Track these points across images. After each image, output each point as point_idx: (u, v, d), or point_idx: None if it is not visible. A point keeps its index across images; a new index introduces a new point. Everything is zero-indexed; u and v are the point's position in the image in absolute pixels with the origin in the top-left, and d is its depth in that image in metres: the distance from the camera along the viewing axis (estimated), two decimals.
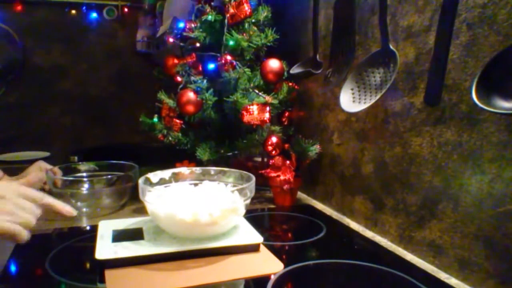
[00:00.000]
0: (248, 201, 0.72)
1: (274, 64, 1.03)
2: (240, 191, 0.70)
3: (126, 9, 2.12)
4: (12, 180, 0.99)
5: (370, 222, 0.87)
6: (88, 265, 0.69)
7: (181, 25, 1.14)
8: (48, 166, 0.99)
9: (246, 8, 1.03)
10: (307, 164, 1.05)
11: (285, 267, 0.65)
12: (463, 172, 0.63)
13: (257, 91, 1.03)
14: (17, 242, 0.57)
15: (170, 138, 1.11)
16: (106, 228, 0.74)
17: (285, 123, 1.17)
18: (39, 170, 0.98)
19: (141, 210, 0.89)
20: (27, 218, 0.58)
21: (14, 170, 1.05)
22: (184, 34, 1.09)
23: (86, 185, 0.96)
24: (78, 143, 2.13)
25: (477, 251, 0.61)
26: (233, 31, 1.04)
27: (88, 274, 0.65)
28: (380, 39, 0.73)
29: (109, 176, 0.95)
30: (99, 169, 1.04)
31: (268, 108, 0.99)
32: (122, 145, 2.03)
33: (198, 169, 0.83)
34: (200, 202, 0.67)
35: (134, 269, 0.62)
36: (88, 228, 0.86)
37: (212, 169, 0.83)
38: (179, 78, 1.12)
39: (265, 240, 0.71)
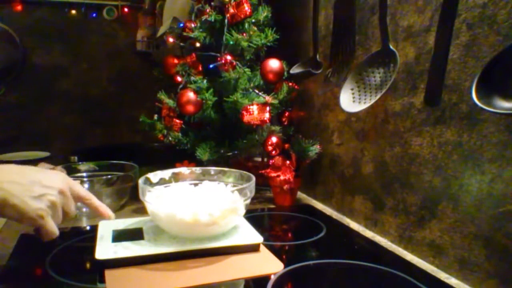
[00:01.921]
0: (248, 201, 0.72)
1: (274, 64, 1.03)
2: (240, 191, 0.70)
3: (126, 9, 2.12)
4: None
5: (370, 222, 0.88)
6: (88, 265, 0.69)
7: (181, 25, 1.14)
8: (51, 167, 0.99)
9: (246, 8, 1.03)
10: (307, 164, 1.05)
11: (285, 267, 0.65)
12: (463, 172, 0.63)
13: (257, 91, 1.03)
14: (43, 239, 0.58)
15: (170, 138, 1.11)
16: (106, 228, 0.74)
17: (285, 123, 1.17)
18: None
19: (141, 210, 0.89)
20: (61, 219, 0.60)
21: None
22: (184, 34, 1.09)
23: (86, 185, 0.96)
24: (78, 143, 2.12)
25: (477, 251, 0.61)
26: (233, 31, 1.04)
27: (88, 274, 0.65)
28: (380, 39, 0.73)
29: (109, 176, 0.95)
30: (99, 169, 1.04)
31: (268, 108, 0.99)
32: (122, 145, 2.02)
33: (198, 169, 0.83)
34: (200, 202, 0.67)
35: (134, 269, 0.62)
36: (88, 228, 0.86)
37: (212, 169, 0.83)
38: (179, 78, 1.12)
39: (265, 240, 0.71)
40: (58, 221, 0.59)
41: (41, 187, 0.56)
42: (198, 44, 1.10)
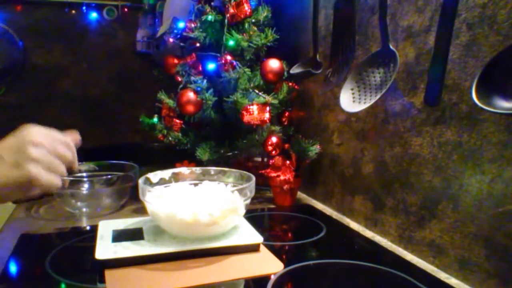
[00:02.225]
0: (248, 201, 0.72)
1: (274, 64, 1.03)
2: (240, 191, 0.70)
3: (126, 9, 2.12)
4: None
5: (370, 222, 0.87)
6: (88, 265, 0.69)
7: (181, 25, 1.14)
8: None
9: (246, 8, 1.03)
10: (307, 164, 1.05)
11: (285, 267, 0.65)
12: (463, 172, 0.63)
13: (257, 91, 1.03)
14: (52, 193, 0.56)
15: (170, 138, 1.11)
16: (106, 228, 0.74)
17: (285, 123, 1.17)
18: None
19: (141, 210, 0.89)
20: (61, 168, 0.57)
21: None
22: (184, 34, 1.09)
23: (86, 185, 0.96)
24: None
25: (477, 251, 0.61)
26: (233, 31, 1.04)
27: (88, 274, 0.65)
28: (380, 39, 0.73)
29: (109, 176, 0.95)
30: (99, 169, 1.04)
31: (268, 108, 0.99)
32: (122, 145, 2.02)
33: (198, 169, 0.84)
34: (200, 202, 0.67)
35: (134, 269, 0.62)
36: (88, 228, 0.86)
37: (212, 169, 0.83)
38: (179, 78, 1.12)
39: (265, 240, 0.71)
40: (60, 171, 0.56)
41: (14, 153, 0.53)
42: (198, 44, 1.10)
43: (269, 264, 0.66)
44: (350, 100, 0.78)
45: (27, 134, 0.55)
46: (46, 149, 0.55)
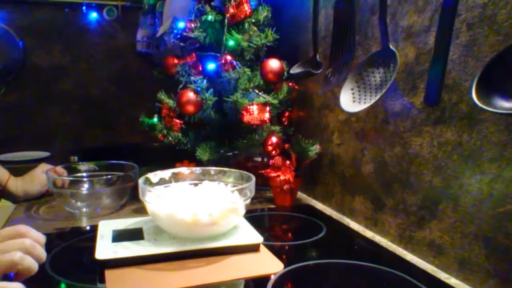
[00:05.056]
0: (248, 201, 0.72)
1: (274, 64, 1.03)
2: (240, 191, 0.70)
3: (126, 9, 2.12)
4: (18, 181, 1.01)
5: (370, 222, 0.88)
6: (88, 265, 0.69)
7: (181, 25, 1.14)
8: (51, 168, 1.00)
9: (246, 8, 1.03)
10: (307, 164, 1.05)
11: (285, 267, 0.65)
12: (463, 172, 0.63)
13: (257, 91, 1.03)
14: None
15: (170, 138, 1.11)
16: (106, 228, 0.74)
17: (285, 123, 1.17)
18: (43, 173, 1.00)
19: (141, 210, 0.89)
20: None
21: (15, 170, 1.05)
22: (184, 34, 1.09)
23: (86, 185, 0.96)
24: (78, 143, 2.12)
25: (477, 251, 0.61)
26: (233, 31, 1.04)
27: (88, 274, 0.65)
28: (380, 39, 0.73)
29: (109, 176, 0.95)
30: (99, 169, 1.04)
31: (268, 108, 0.99)
32: (122, 145, 2.02)
33: (198, 169, 0.84)
34: (200, 202, 0.67)
35: (134, 269, 0.62)
36: (88, 228, 0.86)
37: (212, 169, 0.84)
38: (179, 78, 1.12)
39: (265, 240, 0.71)
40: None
41: None
42: (198, 44, 1.10)
43: (269, 264, 0.66)
44: (350, 100, 0.78)
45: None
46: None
